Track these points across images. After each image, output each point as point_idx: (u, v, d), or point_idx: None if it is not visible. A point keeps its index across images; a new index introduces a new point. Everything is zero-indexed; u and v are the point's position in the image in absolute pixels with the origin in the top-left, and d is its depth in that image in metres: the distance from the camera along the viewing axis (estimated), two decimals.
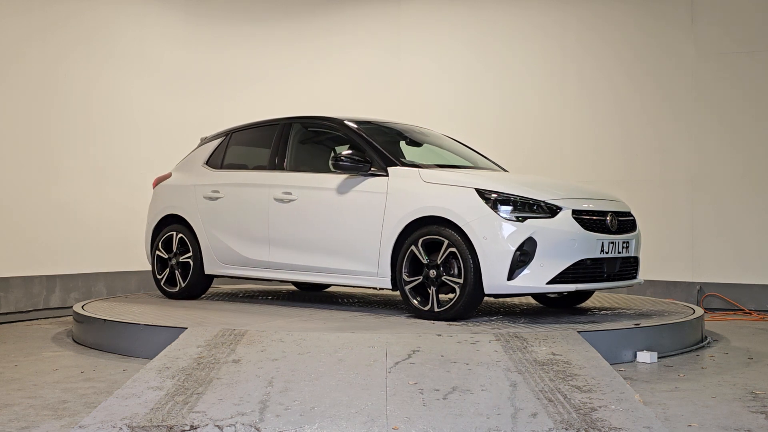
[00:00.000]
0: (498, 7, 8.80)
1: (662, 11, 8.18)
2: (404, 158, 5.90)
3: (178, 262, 6.58)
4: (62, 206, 7.61)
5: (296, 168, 6.16)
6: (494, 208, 5.09)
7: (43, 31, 7.51)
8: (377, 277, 5.51)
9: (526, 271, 5.03)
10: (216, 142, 6.75)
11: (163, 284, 6.67)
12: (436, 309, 5.24)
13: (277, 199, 6.02)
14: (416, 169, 5.56)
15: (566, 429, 3.11)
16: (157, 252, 6.70)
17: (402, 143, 6.33)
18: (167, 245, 6.67)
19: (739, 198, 7.84)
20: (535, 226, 5.04)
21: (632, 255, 5.61)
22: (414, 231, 5.33)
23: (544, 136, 8.58)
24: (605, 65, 8.41)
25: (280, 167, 6.18)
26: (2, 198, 7.15)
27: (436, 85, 8.96)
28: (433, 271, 5.21)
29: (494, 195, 5.13)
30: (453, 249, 5.12)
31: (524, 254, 5.03)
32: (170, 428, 3.13)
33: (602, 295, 7.06)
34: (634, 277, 5.70)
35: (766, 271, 7.68)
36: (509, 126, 8.67)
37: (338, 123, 6.12)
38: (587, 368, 3.97)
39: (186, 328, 4.83)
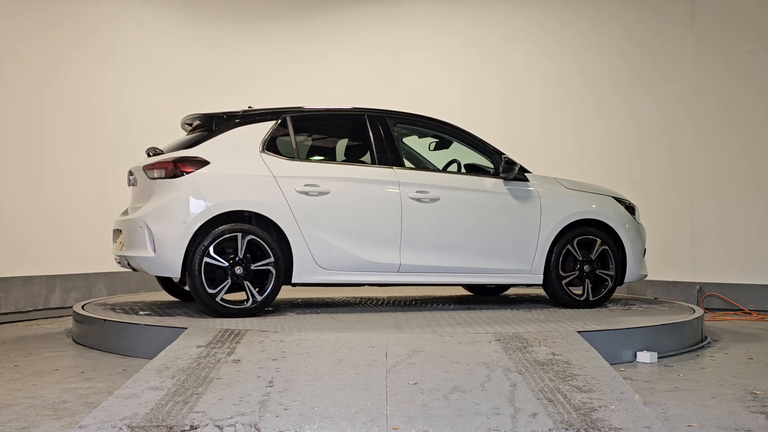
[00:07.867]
0: (498, 6, 8.80)
1: (662, 9, 8.18)
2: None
3: (249, 270, 5.44)
4: (62, 206, 7.61)
5: (419, 166, 6.26)
6: (631, 213, 6.34)
7: (43, 31, 7.51)
8: (530, 274, 6.04)
9: (644, 262, 6.36)
10: (266, 126, 5.72)
11: (220, 300, 5.40)
12: (591, 298, 6.13)
13: (413, 198, 5.76)
14: (552, 176, 6.30)
15: (566, 429, 3.11)
16: (207, 259, 5.36)
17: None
18: (221, 250, 5.42)
19: (739, 198, 7.84)
20: (643, 227, 6.43)
21: None
22: (565, 232, 6.05)
23: (546, 134, 8.58)
24: (606, 63, 8.40)
25: (396, 164, 5.86)
26: (2, 198, 7.15)
27: (437, 84, 8.96)
28: (587, 266, 6.08)
29: (627, 202, 6.35)
30: (605, 247, 6.10)
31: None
32: (170, 428, 3.13)
33: None
34: None
35: (766, 271, 7.68)
36: (511, 124, 8.67)
37: (451, 126, 6.25)
38: (587, 368, 3.97)
39: (186, 328, 4.83)
